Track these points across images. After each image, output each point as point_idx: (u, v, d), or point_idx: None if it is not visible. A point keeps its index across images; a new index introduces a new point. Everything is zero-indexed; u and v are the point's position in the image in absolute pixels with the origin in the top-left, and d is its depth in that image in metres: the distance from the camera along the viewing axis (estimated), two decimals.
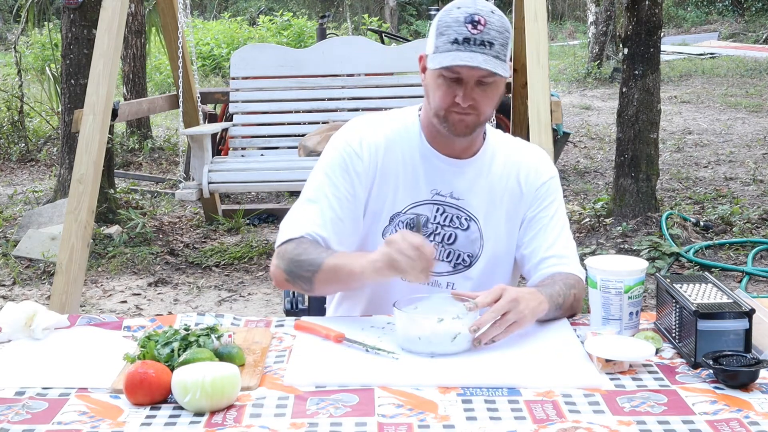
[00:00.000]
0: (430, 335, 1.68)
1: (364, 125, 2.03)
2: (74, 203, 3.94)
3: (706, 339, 1.63)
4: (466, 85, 1.86)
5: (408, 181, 1.99)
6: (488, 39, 1.83)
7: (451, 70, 1.85)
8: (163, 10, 5.56)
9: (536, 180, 2.04)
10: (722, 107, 11.83)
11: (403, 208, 2.00)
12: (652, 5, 5.59)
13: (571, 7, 24.60)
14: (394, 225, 1.99)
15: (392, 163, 1.99)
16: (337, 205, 1.95)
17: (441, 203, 2.00)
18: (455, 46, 1.83)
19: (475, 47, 1.82)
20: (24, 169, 8.72)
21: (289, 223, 1.97)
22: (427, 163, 2.00)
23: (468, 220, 2.00)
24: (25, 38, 12.41)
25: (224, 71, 15.00)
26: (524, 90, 4.58)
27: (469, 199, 2.00)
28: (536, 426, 1.41)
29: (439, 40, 1.86)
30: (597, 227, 5.71)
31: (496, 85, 1.89)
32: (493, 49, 1.83)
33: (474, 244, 2.01)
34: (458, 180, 2.00)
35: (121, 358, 1.65)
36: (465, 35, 1.83)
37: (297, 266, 1.90)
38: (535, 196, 2.04)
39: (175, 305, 4.75)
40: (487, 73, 1.84)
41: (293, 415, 1.46)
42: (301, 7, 22.24)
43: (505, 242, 2.04)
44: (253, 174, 5.09)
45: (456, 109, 1.88)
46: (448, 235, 2.00)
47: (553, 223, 2.03)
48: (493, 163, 2.04)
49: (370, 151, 1.98)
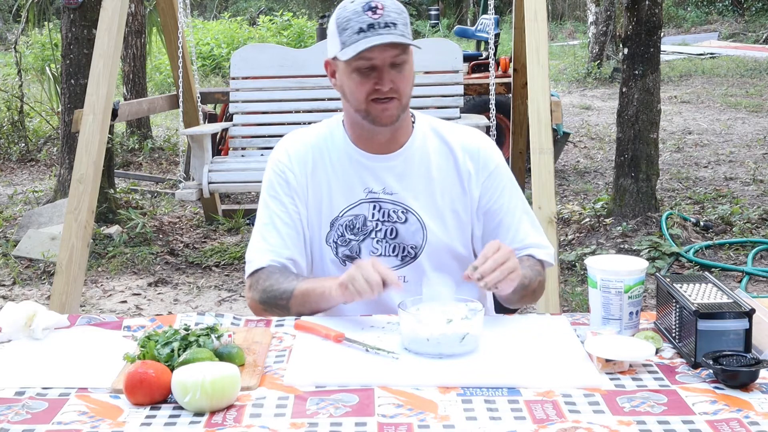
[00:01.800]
0: (439, 336, 1.68)
1: (290, 140, 2.09)
2: (74, 203, 3.94)
3: (706, 339, 1.63)
4: (382, 69, 1.89)
5: (340, 185, 2.03)
6: (390, 21, 1.88)
7: (363, 58, 1.88)
8: (163, 10, 5.56)
9: (483, 168, 2.05)
10: (722, 107, 11.83)
11: (339, 212, 2.03)
12: (652, 5, 5.59)
13: (571, 7, 24.59)
14: (335, 230, 2.03)
15: (322, 170, 2.04)
16: (289, 220, 2.02)
17: (375, 200, 2.02)
18: (362, 35, 1.87)
19: (381, 30, 1.86)
20: (24, 169, 8.72)
21: (253, 253, 2.02)
22: (355, 163, 2.03)
23: (405, 213, 2.02)
24: (25, 38, 12.41)
25: (224, 71, 15.00)
26: (524, 90, 4.58)
27: (403, 192, 2.02)
28: (536, 426, 1.41)
29: (344, 35, 1.90)
30: (597, 227, 5.71)
31: (409, 65, 1.94)
32: (398, 29, 1.88)
33: (416, 235, 2.02)
34: (388, 175, 2.02)
35: (121, 358, 1.65)
36: (368, 22, 1.87)
37: (271, 297, 1.97)
38: (485, 186, 2.04)
39: (175, 305, 4.75)
40: (398, 52, 1.88)
41: (293, 415, 1.46)
42: (301, 7, 22.25)
43: (453, 228, 2.04)
44: (253, 174, 5.08)
45: (376, 95, 1.91)
46: (390, 230, 2.02)
47: (512, 210, 2.04)
48: (426, 150, 2.05)
49: (299, 162, 2.04)
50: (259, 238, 2.03)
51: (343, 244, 2.03)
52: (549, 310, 3.29)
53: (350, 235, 2.02)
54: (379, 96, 1.91)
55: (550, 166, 3.72)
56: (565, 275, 4.97)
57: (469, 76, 7.34)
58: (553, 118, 3.89)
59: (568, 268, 5.11)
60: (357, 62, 1.89)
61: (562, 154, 8.48)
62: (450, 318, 1.70)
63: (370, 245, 2.02)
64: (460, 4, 23.59)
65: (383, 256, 2.02)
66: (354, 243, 2.02)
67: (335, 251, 2.03)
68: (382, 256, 2.02)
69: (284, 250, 2.00)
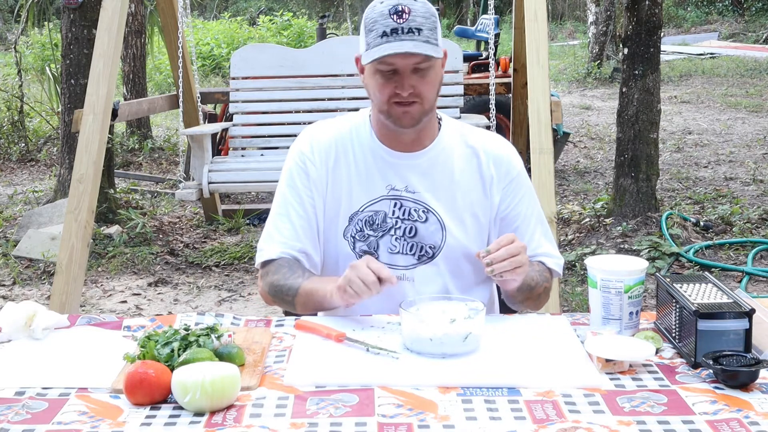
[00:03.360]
0: (442, 336, 1.68)
1: (315, 130, 2.09)
2: (74, 203, 3.94)
3: (706, 339, 1.63)
4: (403, 74, 1.89)
5: (362, 180, 2.03)
6: (415, 26, 1.87)
7: (385, 63, 1.88)
8: (163, 10, 5.56)
9: (505, 175, 2.05)
10: (722, 107, 11.83)
11: (359, 207, 2.03)
12: (652, 5, 5.59)
13: (571, 7, 24.59)
14: (353, 224, 2.02)
15: (344, 164, 2.04)
16: (303, 212, 2.02)
17: (397, 198, 2.02)
18: (384, 39, 1.87)
19: (404, 36, 1.86)
20: (24, 169, 8.72)
21: (265, 242, 2.04)
22: (379, 159, 2.03)
23: (426, 212, 2.02)
24: (25, 38, 12.42)
25: (224, 71, 15.00)
26: (524, 90, 4.58)
27: (425, 191, 2.02)
28: (536, 426, 1.41)
29: (369, 36, 1.90)
30: (597, 227, 5.71)
31: (434, 70, 1.93)
32: (422, 35, 1.87)
33: (435, 235, 2.02)
34: (412, 173, 2.02)
35: (121, 358, 1.65)
36: (392, 26, 1.87)
37: (278, 291, 1.98)
38: (506, 192, 2.05)
39: (175, 305, 4.75)
40: (421, 59, 1.88)
41: (293, 415, 1.46)
42: (301, 7, 22.25)
43: (472, 231, 2.04)
44: (253, 174, 5.08)
45: (397, 99, 1.91)
46: (409, 229, 2.02)
47: (528, 218, 2.05)
48: (451, 153, 2.05)
49: (321, 154, 2.04)
50: (272, 228, 2.04)
51: (362, 239, 2.02)
52: (549, 310, 3.28)
53: (369, 230, 2.02)
54: (400, 100, 1.91)
55: (550, 166, 3.72)
56: (565, 275, 4.97)
57: (469, 76, 7.34)
58: (553, 118, 3.89)
59: (568, 268, 5.11)
60: (378, 65, 1.89)
61: (562, 154, 8.48)
62: (453, 318, 1.70)
63: (389, 242, 2.02)
64: (460, 4, 23.59)
65: (400, 253, 2.02)
66: (372, 239, 2.02)
67: (353, 246, 2.02)
68: (399, 253, 2.02)
69: (296, 243, 2.00)
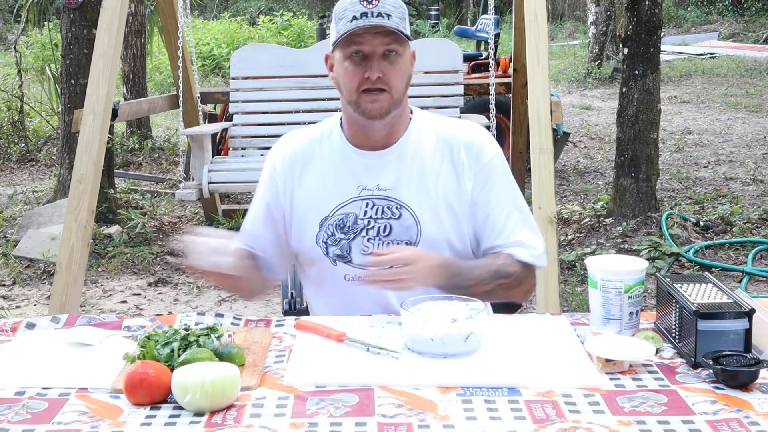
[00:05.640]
0: (444, 336, 1.67)
1: (283, 142, 2.12)
2: (74, 203, 3.94)
3: (706, 339, 1.63)
4: (373, 58, 1.89)
5: (333, 184, 2.03)
6: (385, 11, 1.88)
7: (354, 42, 1.88)
8: (163, 10, 5.56)
9: (476, 161, 2.02)
10: (722, 107, 11.83)
11: (330, 212, 2.02)
12: (652, 5, 5.59)
13: (571, 7, 24.58)
14: (324, 230, 2.02)
15: (312, 171, 2.05)
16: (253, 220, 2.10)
17: (369, 197, 2.01)
18: (355, 22, 1.88)
19: (374, 18, 1.87)
20: (24, 169, 8.72)
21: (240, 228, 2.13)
22: (349, 161, 2.03)
23: (399, 209, 2.01)
24: (25, 38, 12.40)
25: (224, 71, 14.99)
26: (524, 90, 4.58)
27: (397, 188, 2.01)
28: (536, 426, 1.41)
29: (339, 24, 1.91)
30: (597, 227, 5.71)
31: (403, 60, 1.93)
32: (392, 20, 1.88)
33: (410, 231, 2.01)
34: (382, 171, 2.02)
35: (121, 358, 1.65)
36: (362, 11, 1.88)
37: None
38: (477, 178, 2.01)
39: (175, 305, 4.75)
40: (390, 40, 1.88)
41: (293, 415, 1.46)
42: (301, 7, 22.25)
43: (448, 221, 2.01)
44: (253, 174, 5.08)
45: (366, 86, 1.90)
46: (383, 227, 2.01)
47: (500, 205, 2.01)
48: (421, 145, 2.03)
49: (286, 167, 2.06)
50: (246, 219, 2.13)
51: (333, 244, 2.01)
52: (549, 310, 3.29)
53: (340, 234, 2.01)
54: (370, 86, 1.90)
55: (550, 166, 3.72)
56: (565, 275, 4.97)
57: (469, 76, 7.34)
58: (553, 118, 3.88)
59: (568, 268, 5.11)
60: (347, 48, 1.89)
61: (562, 154, 8.48)
62: (454, 317, 1.70)
63: (361, 243, 2.00)
64: (460, 4, 23.59)
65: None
66: (344, 242, 2.01)
67: (325, 251, 2.01)
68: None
69: (250, 242, 2.07)
